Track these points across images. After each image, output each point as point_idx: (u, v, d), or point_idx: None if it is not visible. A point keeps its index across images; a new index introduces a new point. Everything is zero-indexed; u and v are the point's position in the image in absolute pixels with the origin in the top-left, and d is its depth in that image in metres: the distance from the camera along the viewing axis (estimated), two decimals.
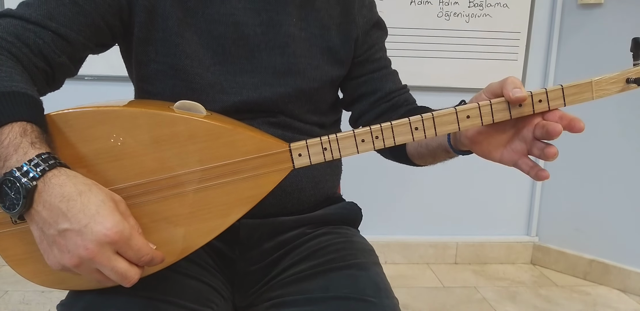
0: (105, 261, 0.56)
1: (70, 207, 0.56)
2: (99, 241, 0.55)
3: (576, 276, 2.25)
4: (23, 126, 0.59)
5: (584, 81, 0.64)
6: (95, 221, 0.55)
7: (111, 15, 0.78)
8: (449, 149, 0.77)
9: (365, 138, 0.68)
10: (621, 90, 0.65)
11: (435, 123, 0.67)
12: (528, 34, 2.18)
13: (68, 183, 0.57)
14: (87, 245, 0.55)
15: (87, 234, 0.55)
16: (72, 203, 0.56)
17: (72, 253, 0.56)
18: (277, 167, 0.69)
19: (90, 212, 0.56)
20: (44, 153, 0.58)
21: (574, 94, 0.65)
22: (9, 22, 0.71)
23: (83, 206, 0.56)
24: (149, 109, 0.68)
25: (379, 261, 0.88)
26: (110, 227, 0.55)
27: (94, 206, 0.56)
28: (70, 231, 0.55)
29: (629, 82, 0.64)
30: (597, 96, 0.65)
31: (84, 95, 1.15)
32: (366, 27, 0.94)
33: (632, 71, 0.64)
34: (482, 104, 0.66)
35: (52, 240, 0.57)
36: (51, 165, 0.57)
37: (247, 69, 0.85)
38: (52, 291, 1.91)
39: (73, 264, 0.56)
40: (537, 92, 0.65)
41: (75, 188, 0.57)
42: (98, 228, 0.55)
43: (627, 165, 2.09)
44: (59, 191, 0.56)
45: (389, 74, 0.97)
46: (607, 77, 0.64)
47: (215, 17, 0.83)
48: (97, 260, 0.56)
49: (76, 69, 0.79)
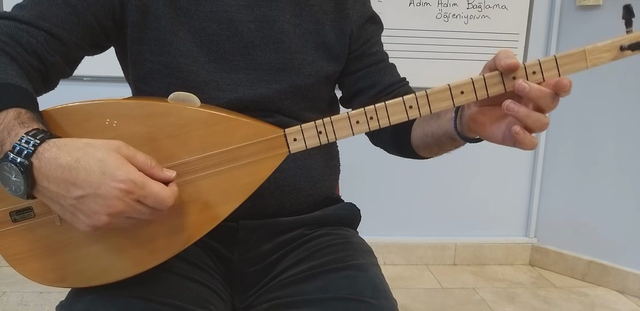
0: (131, 209, 0.59)
1: (75, 175, 0.57)
2: (118, 196, 0.57)
3: (575, 277, 2.26)
4: (17, 110, 0.61)
5: (577, 50, 0.63)
6: (105, 180, 0.57)
7: (104, 15, 0.79)
8: (455, 136, 0.75)
9: (360, 119, 0.68)
10: (615, 58, 0.64)
11: (430, 100, 0.66)
12: (527, 36, 2.19)
13: (61, 153, 0.58)
14: (109, 203, 0.57)
15: (103, 194, 0.57)
16: (75, 171, 0.57)
17: (99, 213, 0.58)
18: (273, 152, 0.69)
19: (96, 174, 0.57)
20: (32, 130, 0.59)
21: (567, 64, 0.63)
22: (2, 23, 0.72)
23: (86, 171, 0.57)
24: (142, 101, 0.69)
25: (378, 262, 0.88)
26: (122, 179, 0.57)
27: (96, 168, 0.57)
28: (86, 196, 0.57)
29: (622, 49, 0.63)
30: (592, 65, 0.63)
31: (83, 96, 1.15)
32: (360, 22, 0.93)
33: (626, 38, 0.63)
34: (475, 79, 0.65)
35: (74, 208, 0.59)
36: (41, 139, 0.58)
37: (242, 66, 0.85)
38: (51, 293, 1.90)
39: (104, 222, 0.58)
40: (531, 63, 0.64)
41: (70, 157, 0.58)
42: (112, 185, 0.57)
43: (626, 166, 2.09)
44: (56, 164, 0.57)
45: (387, 67, 0.97)
46: (600, 45, 0.64)
47: (209, 15, 0.83)
48: (125, 211, 0.58)
49: (70, 70, 0.80)
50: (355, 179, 2.25)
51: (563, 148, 2.25)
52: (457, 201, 2.34)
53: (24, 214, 0.66)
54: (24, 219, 0.65)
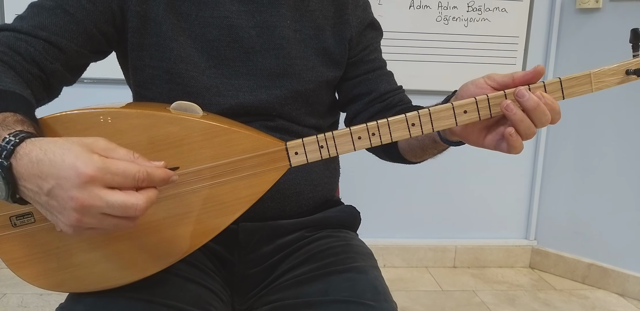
0: (98, 200, 0.52)
1: (41, 167, 0.53)
2: (79, 185, 0.52)
3: (575, 279, 2.25)
4: (3, 115, 0.59)
5: (582, 73, 0.64)
6: (64, 168, 0.52)
7: (103, 22, 0.79)
8: (437, 138, 0.77)
9: (362, 135, 0.68)
10: (621, 82, 0.64)
11: (432, 119, 0.67)
12: (526, 38, 2.19)
13: (34, 148, 0.54)
14: (70, 195, 0.52)
15: (64, 184, 0.52)
16: (41, 163, 0.53)
17: (66, 209, 0.53)
18: (274, 165, 0.69)
19: (57, 163, 0.52)
20: (14, 131, 0.56)
21: (572, 87, 0.64)
22: (2, 35, 0.73)
23: (50, 161, 0.53)
24: (144, 110, 0.68)
25: (378, 264, 0.88)
26: (79, 165, 0.52)
27: (59, 157, 0.53)
28: (52, 189, 0.53)
29: (628, 73, 0.63)
30: (597, 88, 0.64)
31: (84, 98, 1.15)
32: (360, 28, 0.94)
33: (632, 62, 0.63)
34: (479, 99, 0.66)
35: (49, 207, 0.55)
36: (21, 138, 0.55)
37: (243, 72, 0.85)
38: (51, 294, 1.90)
39: (75, 219, 0.53)
40: (535, 86, 0.65)
41: (40, 150, 0.54)
42: (69, 173, 0.52)
43: (626, 169, 2.09)
44: (27, 159, 0.54)
45: (384, 74, 0.97)
46: (606, 68, 0.64)
47: (209, 21, 0.83)
48: (90, 203, 0.52)
49: (73, 77, 0.80)
50: (355, 181, 2.25)
51: (563, 151, 2.26)
52: (457, 204, 2.34)
53: (24, 219, 0.65)
54: (24, 224, 0.65)
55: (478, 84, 0.68)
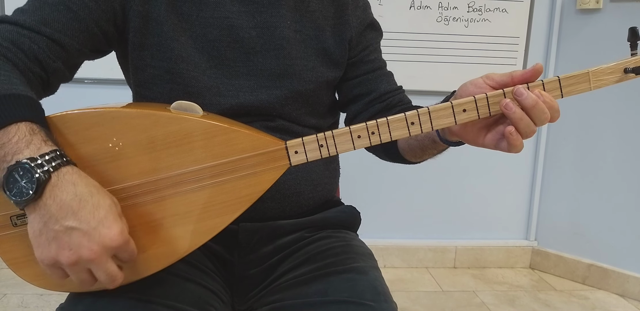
0: (103, 263, 0.58)
1: (82, 207, 0.57)
2: (105, 245, 0.57)
3: (575, 280, 2.25)
4: (30, 125, 0.60)
5: (580, 72, 0.64)
6: (104, 225, 0.57)
7: (105, 21, 0.79)
8: (436, 138, 0.77)
9: (362, 134, 0.68)
10: (619, 80, 0.64)
11: (432, 117, 0.67)
12: (527, 39, 2.19)
13: (80, 182, 0.58)
14: (92, 247, 0.56)
15: (94, 236, 0.56)
16: (84, 203, 0.57)
17: (73, 251, 0.57)
18: (274, 164, 0.70)
19: (100, 215, 0.57)
20: (58, 150, 0.59)
21: (571, 85, 0.64)
22: (4, 27, 0.72)
23: (93, 208, 0.57)
24: (145, 110, 0.69)
25: (378, 265, 0.88)
26: (118, 233, 0.58)
27: (103, 210, 0.57)
28: (78, 230, 0.56)
29: (626, 71, 0.64)
30: (595, 87, 0.64)
31: (84, 98, 1.15)
32: (360, 28, 0.94)
33: (630, 61, 0.64)
34: (478, 98, 0.66)
35: (54, 236, 0.57)
36: (65, 162, 0.58)
37: (243, 72, 0.85)
38: (51, 295, 1.90)
39: (70, 261, 0.57)
40: (534, 84, 0.65)
41: (87, 189, 0.58)
42: (105, 232, 0.57)
43: (626, 169, 2.09)
44: (72, 190, 0.57)
45: (384, 75, 0.97)
46: (604, 67, 0.64)
47: (210, 21, 0.83)
48: (97, 261, 0.58)
49: (71, 75, 0.80)
50: (355, 182, 2.25)
51: (563, 151, 2.25)
52: (458, 204, 2.34)
53: (25, 218, 0.65)
54: (24, 223, 0.65)
55: (477, 83, 0.69)
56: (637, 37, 0.64)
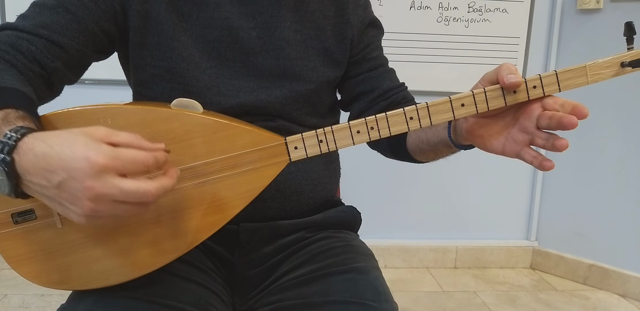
0: (113, 188, 0.53)
1: (49, 161, 0.54)
2: (93, 174, 0.53)
3: (576, 280, 2.25)
4: (5, 112, 0.60)
5: (578, 66, 0.64)
6: (75, 159, 0.53)
7: (105, 21, 0.79)
8: (451, 144, 0.77)
9: (361, 129, 0.68)
10: (616, 74, 0.65)
11: (430, 112, 0.67)
12: (527, 39, 2.19)
13: (36, 142, 0.55)
14: (85, 185, 0.53)
15: (77, 175, 0.53)
16: (48, 157, 0.54)
17: (80, 199, 0.54)
18: (274, 160, 0.70)
19: (67, 155, 0.53)
20: (15, 127, 0.57)
21: (568, 79, 0.64)
22: (3, 33, 0.73)
23: (58, 155, 0.53)
24: (146, 107, 0.69)
25: (379, 265, 0.88)
26: (91, 155, 0.53)
27: (67, 149, 0.53)
28: (64, 181, 0.53)
29: (623, 65, 0.64)
30: (592, 81, 0.64)
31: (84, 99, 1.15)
32: (361, 27, 0.94)
33: (627, 55, 0.64)
34: (476, 92, 0.66)
35: (59, 199, 0.55)
36: (22, 133, 0.56)
37: (243, 73, 0.86)
38: (52, 295, 1.90)
39: (89, 209, 0.54)
40: (531, 78, 0.65)
41: (45, 144, 0.54)
42: (81, 164, 0.52)
43: (627, 169, 2.09)
44: (32, 154, 0.54)
45: (386, 72, 0.97)
46: (601, 61, 0.64)
47: (210, 22, 0.83)
48: (105, 192, 0.53)
49: (75, 77, 0.80)
50: (355, 182, 2.25)
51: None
52: (458, 204, 2.34)
53: (26, 216, 0.66)
54: (25, 221, 0.65)
55: (476, 88, 0.68)
56: (633, 32, 0.64)
